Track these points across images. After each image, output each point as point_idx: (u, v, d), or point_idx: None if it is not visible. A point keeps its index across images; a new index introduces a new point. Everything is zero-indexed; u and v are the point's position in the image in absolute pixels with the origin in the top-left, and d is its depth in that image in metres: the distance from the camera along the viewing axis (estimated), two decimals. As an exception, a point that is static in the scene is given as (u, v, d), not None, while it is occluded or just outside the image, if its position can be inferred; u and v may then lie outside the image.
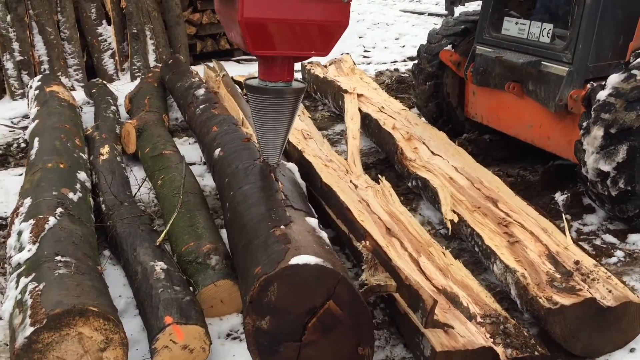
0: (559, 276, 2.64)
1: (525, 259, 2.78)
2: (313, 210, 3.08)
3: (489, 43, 4.10)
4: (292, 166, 3.52)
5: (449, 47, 4.39)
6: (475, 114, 4.45)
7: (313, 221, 2.79)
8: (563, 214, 3.40)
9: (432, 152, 3.98)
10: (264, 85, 2.83)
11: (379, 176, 3.72)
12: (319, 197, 3.49)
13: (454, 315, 2.49)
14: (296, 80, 2.95)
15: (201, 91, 4.85)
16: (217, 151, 3.72)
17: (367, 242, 2.67)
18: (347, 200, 3.24)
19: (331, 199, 3.34)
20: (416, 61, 4.74)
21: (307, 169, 3.67)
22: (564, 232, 2.95)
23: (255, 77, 2.92)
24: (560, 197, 3.65)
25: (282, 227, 2.55)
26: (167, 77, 5.68)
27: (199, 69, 6.11)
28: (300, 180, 3.41)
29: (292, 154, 4.00)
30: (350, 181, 3.66)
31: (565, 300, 2.46)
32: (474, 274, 2.86)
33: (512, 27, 3.95)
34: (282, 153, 3.09)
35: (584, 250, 2.83)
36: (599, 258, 3.11)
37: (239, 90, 5.28)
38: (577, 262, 2.70)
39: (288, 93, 2.85)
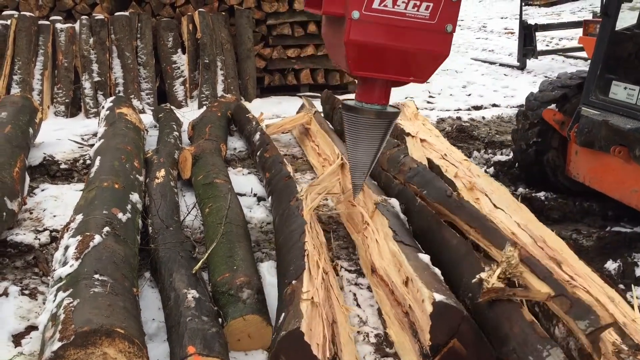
0: (626, 348, 2.49)
1: (591, 327, 2.65)
2: (419, 245, 3.28)
3: (595, 105, 4.07)
4: (394, 201, 3.72)
5: (553, 106, 4.39)
6: (577, 174, 4.39)
7: (425, 257, 2.92)
8: (633, 285, 3.24)
9: (494, 205, 3.87)
10: (360, 106, 2.89)
11: None
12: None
13: None
14: (391, 105, 3.00)
15: (257, 136, 5.35)
16: (271, 198, 4.23)
17: (520, 249, 2.71)
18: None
19: (464, 209, 3.42)
20: (523, 108, 4.77)
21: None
22: (629, 303, 2.80)
23: (352, 99, 3.01)
24: (612, 266, 3.48)
25: (293, 282, 2.66)
26: (239, 120, 6.09)
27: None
28: (402, 215, 3.60)
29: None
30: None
31: (634, 373, 2.32)
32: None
33: (620, 91, 3.92)
34: (368, 174, 3.16)
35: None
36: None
37: (330, 125, 5.86)
38: (646, 337, 2.55)
39: (382, 116, 2.91)
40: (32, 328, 2.94)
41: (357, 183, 3.14)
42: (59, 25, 7.11)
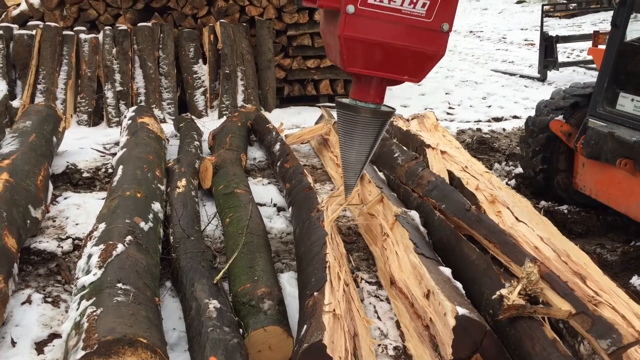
0: (652, 366, 2.46)
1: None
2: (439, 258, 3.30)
3: (602, 117, 4.02)
4: (414, 213, 3.73)
5: (560, 117, 4.36)
6: (584, 187, 4.34)
7: (447, 270, 2.92)
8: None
9: (516, 218, 3.83)
10: (354, 104, 2.88)
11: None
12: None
13: None
14: (385, 105, 2.98)
15: (277, 147, 5.41)
16: (291, 209, 4.22)
17: (540, 265, 2.68)
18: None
19: (483, 223, 3.39)
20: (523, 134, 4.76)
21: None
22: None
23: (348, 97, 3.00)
24: (637, 282, 3.42)
25: (315, 294, 2.66)
26: (259, 130, 6.14)
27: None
28: (422, 227, 3.61)
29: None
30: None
31: (658, 392, 2.29)
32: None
33: (627, 103, 3.87)
34: (360, 174, 3.12)
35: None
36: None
37: None
38: (670, 356, 2.51)
39: (376, 115, 2.88)
40: (55, 336, 2.96)
41: (348, 183, 3.09)
42: (82, 36, 7.22)
